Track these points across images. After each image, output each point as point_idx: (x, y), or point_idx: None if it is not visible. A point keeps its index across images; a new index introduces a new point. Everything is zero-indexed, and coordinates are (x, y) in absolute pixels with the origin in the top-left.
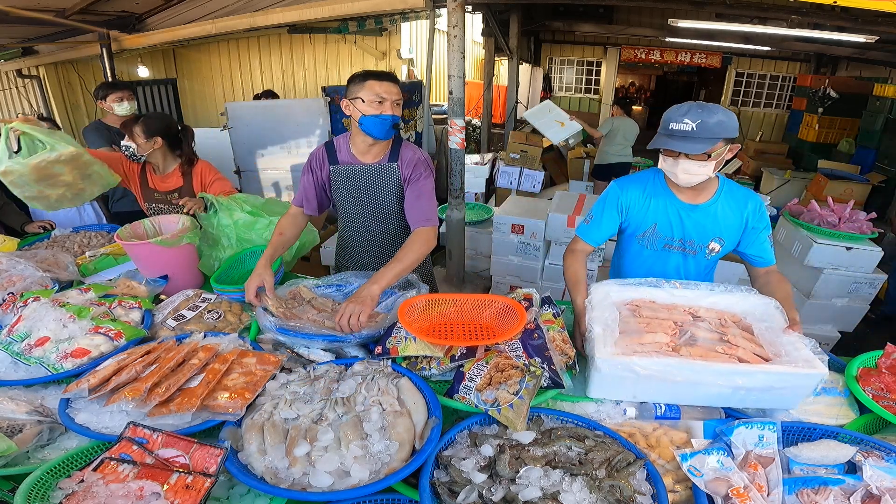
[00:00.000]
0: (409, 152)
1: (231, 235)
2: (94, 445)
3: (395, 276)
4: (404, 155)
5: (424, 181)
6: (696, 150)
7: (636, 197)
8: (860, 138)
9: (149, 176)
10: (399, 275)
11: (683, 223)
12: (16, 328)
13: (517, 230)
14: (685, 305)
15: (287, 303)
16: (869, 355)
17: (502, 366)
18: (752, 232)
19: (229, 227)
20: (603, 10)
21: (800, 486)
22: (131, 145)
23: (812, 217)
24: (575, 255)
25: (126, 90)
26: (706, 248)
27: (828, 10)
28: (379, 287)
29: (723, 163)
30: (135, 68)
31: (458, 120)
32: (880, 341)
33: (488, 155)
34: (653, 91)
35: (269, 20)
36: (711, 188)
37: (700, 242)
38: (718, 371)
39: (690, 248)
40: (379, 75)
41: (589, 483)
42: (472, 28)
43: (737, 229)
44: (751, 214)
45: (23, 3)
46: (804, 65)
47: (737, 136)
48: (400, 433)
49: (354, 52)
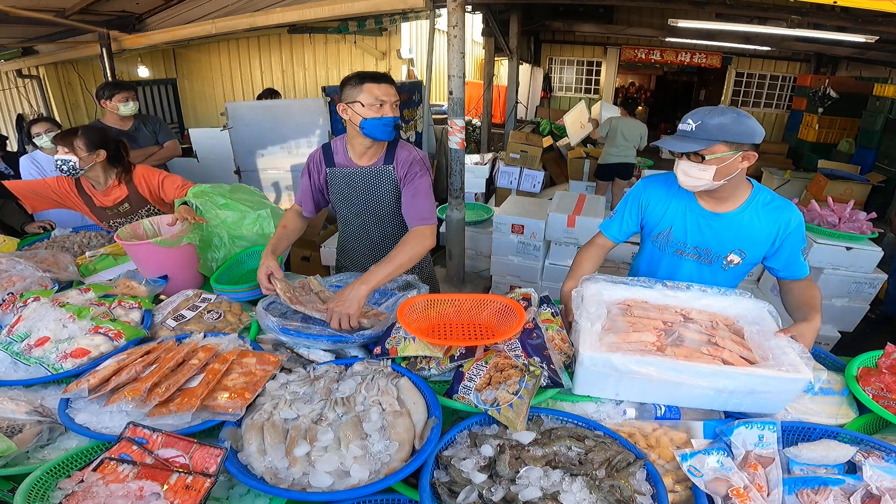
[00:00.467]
0: (404, 153)
1: (222, 234)
2: (94, 445)
3: (385, 276)
4: (399, 156)
5: (420, 180)
6: (686, 148)
7: (657, 196)
8: (860, 138)
9: (90, 194)
10: (391, 275)
11: (701, 230)
12: (16, 328)
13: (517, 230)
14: (677, 307)
15: (295, 290)
16: (869, 355)
17: (501, 365)
18: (784, 248)
19: (219, 227)
20: (603, 10)
21: (800, 486)
22: (71, 159)
23: (812, 217)
24: (588, 246)
25: (131, 90)
26: (723, 259)
27: (828, 10)
28: (367, 287)
29: (731, 170)
30: (135, 68)
31: (458, 120)
32: (880, 341)
33: (488, 155)
34: (653, 91)
35: (269, 20)
36: (740, 197)
37: (717, 252)
38: (700, 372)
39: (706, 257)
40: (375, 77)
41: (589, 483)
42: (472, 28)
43: (763, 243)
44: (784, 230)
45: (23, 3)
46: (804, 65)
47: (747, 142)
48: (400, 433)
49: (354, 52)
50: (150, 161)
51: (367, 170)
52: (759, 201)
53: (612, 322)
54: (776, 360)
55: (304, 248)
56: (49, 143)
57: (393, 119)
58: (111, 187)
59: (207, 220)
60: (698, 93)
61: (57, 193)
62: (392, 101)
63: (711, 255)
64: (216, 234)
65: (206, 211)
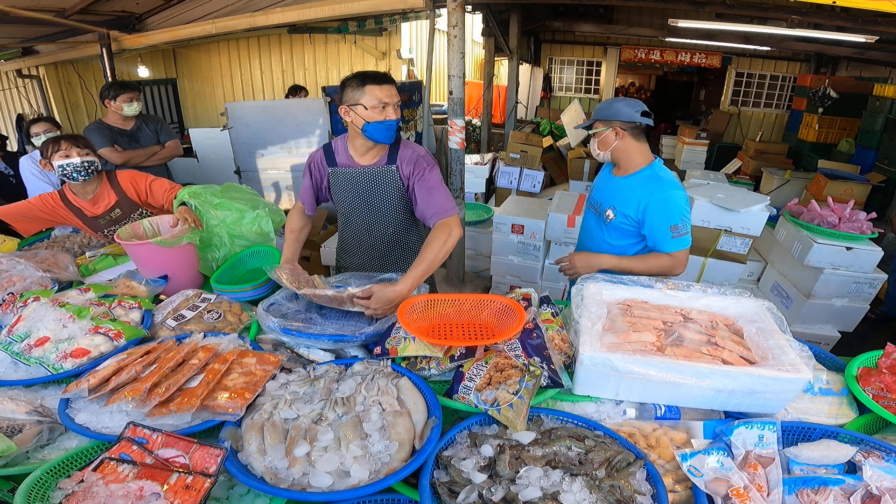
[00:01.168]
0: (407, 151)
1: (222, 234)
2: (94, 445)
3: (422, 274)
4: (403, 154)
5: (430, 174)
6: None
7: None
8: (860, 138)
9: (79, 206)
10: (426, 273)
11: (602, 190)
12: (16, 328)
13: (517, 230)
14: (677, 307)
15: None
16: (869, 355)
17: (501, 365)
18: (647, 217)
19: (219, 227)
20: (603, 10)
21: (800, 486)
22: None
23: (812, 217)
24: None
25: (136, 90)
26: (604, 213)
27: (828, 10)
28: (406, 289)
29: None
30: (135, 68)
31: (458, 120)
32: (880, 341)
33: (488, 155)
34: (653, 91)
35: (269, 20)
36: (632, 167)
37: (603, 206)
38: (700, 372)
39: (596, 209)
40: (377, 78)
41: (589, 483)
42: (472, 28)
43: (631, 205)
44: (647, 198)
45: (23, 3)
46: (804, 65)
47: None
48: (400, 433)
49: (354, 52)
50: (153, 161)
51: (370, 169)
52: (643, 174)
53: (612, 322)
54: (776, 359)
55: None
56: None
57: (396, 122)
58: (98, 195)
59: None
60: (698, 93)
61: (44, 212)
62: (394, 103)
63: (599, 209)
64: (216, 233)
65: (204, 212)
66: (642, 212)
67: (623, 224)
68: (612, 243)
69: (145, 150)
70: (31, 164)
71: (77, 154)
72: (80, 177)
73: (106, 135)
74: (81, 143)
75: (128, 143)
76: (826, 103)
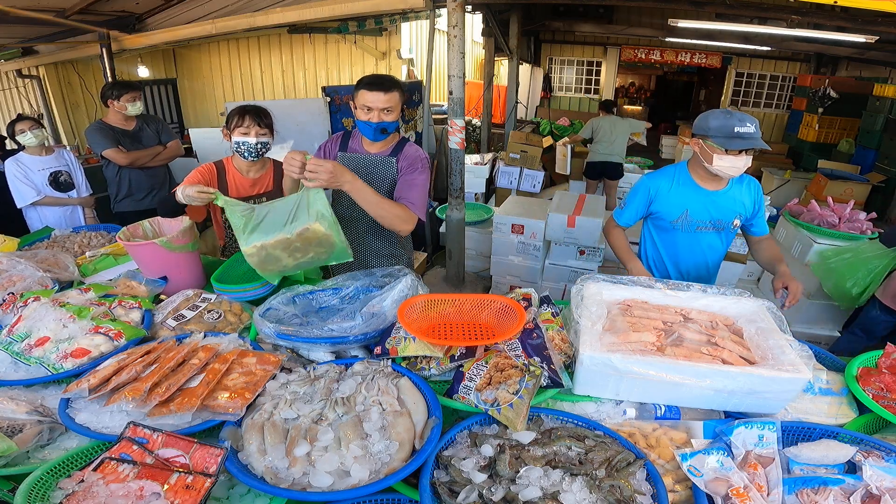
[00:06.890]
0: (411, 150)
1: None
2: (94, 445)
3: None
4: (407, 151)
5: (419, 176)
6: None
7: (664, 187)
8: (860, 138)
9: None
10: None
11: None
12: (16, 328)
13: (517, 230)
14: (677, 307)
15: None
16: (869, 355)
17: (502, 365)
18: (757, 209)
19: None
20: (603, 10)
21: (800, 486)
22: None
23: (812, 217)
24: (614, 230)
25: (138, 90)
26: (730, 224)
27: (828, 10)
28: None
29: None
30: (135, 68)
31: (458, 120)
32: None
33: (488, 155)
34: (653, 91)
35: (269, 20)
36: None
37: (726, 221)
38: (699, 372)
39: (720, 227)
40: (370, 84)
41: (589, 483)
42: (472, 28)
43: (749, 206)
44: (758, 194)
45: (23, 3)
46: (804, 65)
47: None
48: (400, 433)
49: (354, 52)
50: (156, 161)
51: (374, 157)
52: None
53: (612, 322)
54: (776, 360)
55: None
56: (34, 141)
57: (378, 124)
58: (260, 179)
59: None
60: (698, 93)
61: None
62: (380, 108)
63: (719, 224)
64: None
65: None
66: (753, 205)
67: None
68: (727, 248)
69: (149, 151)
70: (14, 167)
71: (255, 134)
72: (250, 157)
73: (109, 135)
74: (264, 123)
75: (130, 144)
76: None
